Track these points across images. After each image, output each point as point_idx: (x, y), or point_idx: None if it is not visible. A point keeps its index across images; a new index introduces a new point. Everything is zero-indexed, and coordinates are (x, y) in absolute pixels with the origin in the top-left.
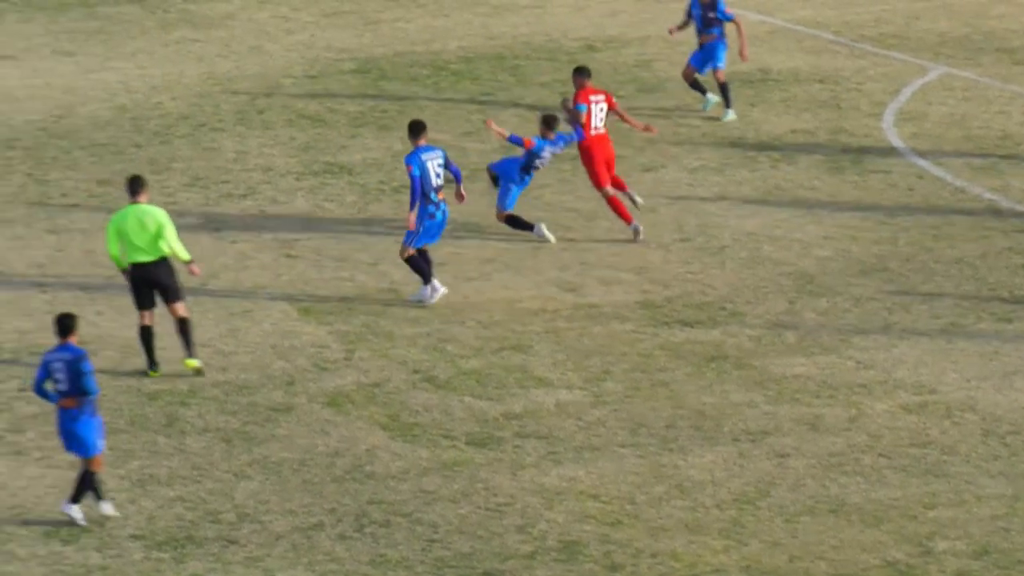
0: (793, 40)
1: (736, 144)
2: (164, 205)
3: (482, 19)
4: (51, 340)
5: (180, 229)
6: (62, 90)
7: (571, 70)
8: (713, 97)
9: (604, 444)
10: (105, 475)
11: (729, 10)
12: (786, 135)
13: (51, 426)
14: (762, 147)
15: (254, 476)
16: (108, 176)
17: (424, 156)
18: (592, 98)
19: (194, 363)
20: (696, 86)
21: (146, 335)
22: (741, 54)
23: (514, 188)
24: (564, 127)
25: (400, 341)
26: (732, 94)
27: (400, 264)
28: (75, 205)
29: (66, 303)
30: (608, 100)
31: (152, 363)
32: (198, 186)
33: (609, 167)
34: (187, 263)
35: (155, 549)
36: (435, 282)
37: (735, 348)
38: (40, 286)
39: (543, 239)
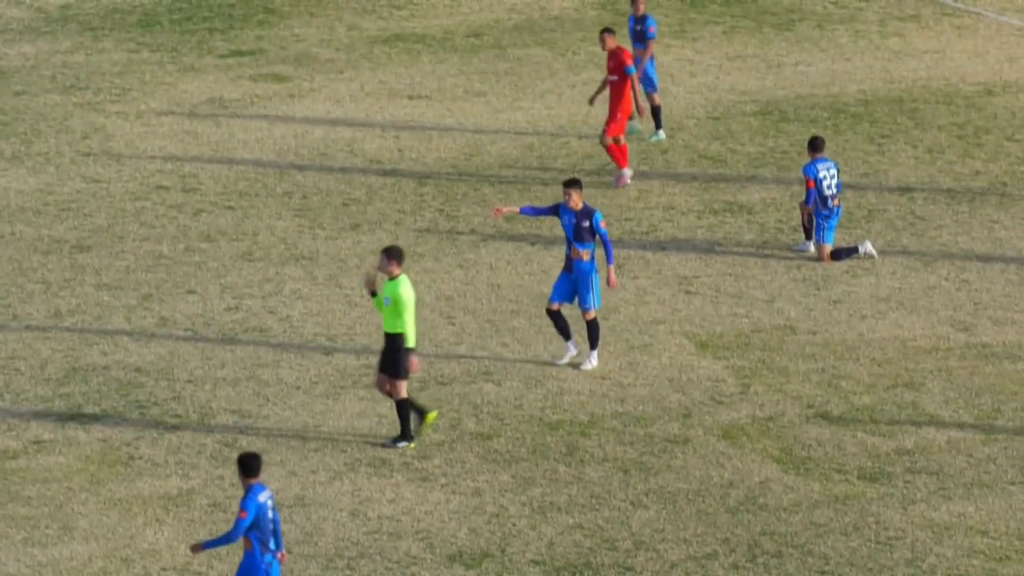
0: None
1: None
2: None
3: (882, 63)
4: (451, 370)
5: None
6: (473, 129)
7: (968, 113)
8: None
9: (994, 481)
10: (507, 501)
11: None
12: None
13: (457, 453)
14: None
15: (650, 505)
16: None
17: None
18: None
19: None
20: None
21: None
22: None
23: (825, 223)
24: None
25: (794, 376)
26: None
27: (796, 301)
28: (483, 240)
29: (472, 334)
30: None
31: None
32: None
33: None
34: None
35: (554, 574)
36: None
37: None
38: (448, 318)
39: (868, 255)
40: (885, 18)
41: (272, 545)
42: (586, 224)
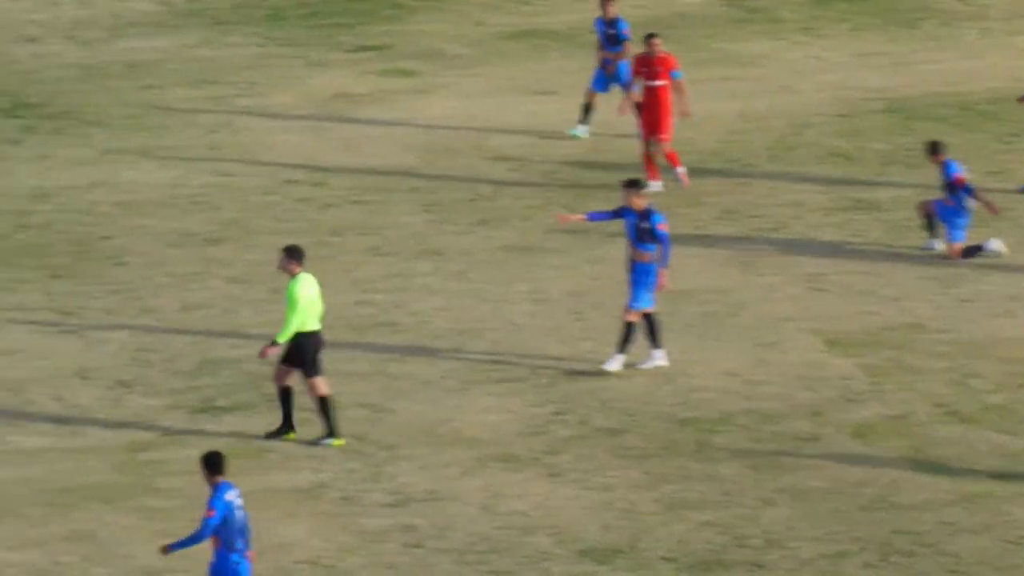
0: None
1: None
2: (695, 238)
3: (1010, 61)
4: (580, 366)
5: (710, 261)
6: (599, 124)
7: None
8: None
9: None
10: (638, 497)
11: None
12: None
13: (587, 449)
14: None
15: (782, 503)
16: None
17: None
18: None
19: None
20: None
21: None
22: None
23: (957, 221)
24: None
25: (925, 375)
26: None
27: (925, 299)
28: (612, 237)
29: (599, 330)
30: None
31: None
32: (729, 219)
33: None
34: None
35: (685, 571)
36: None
37: None
38: (576, 314)
39: (996, 253)
40: (1012, 16)
41: (239, 544)
42: (646, 225)
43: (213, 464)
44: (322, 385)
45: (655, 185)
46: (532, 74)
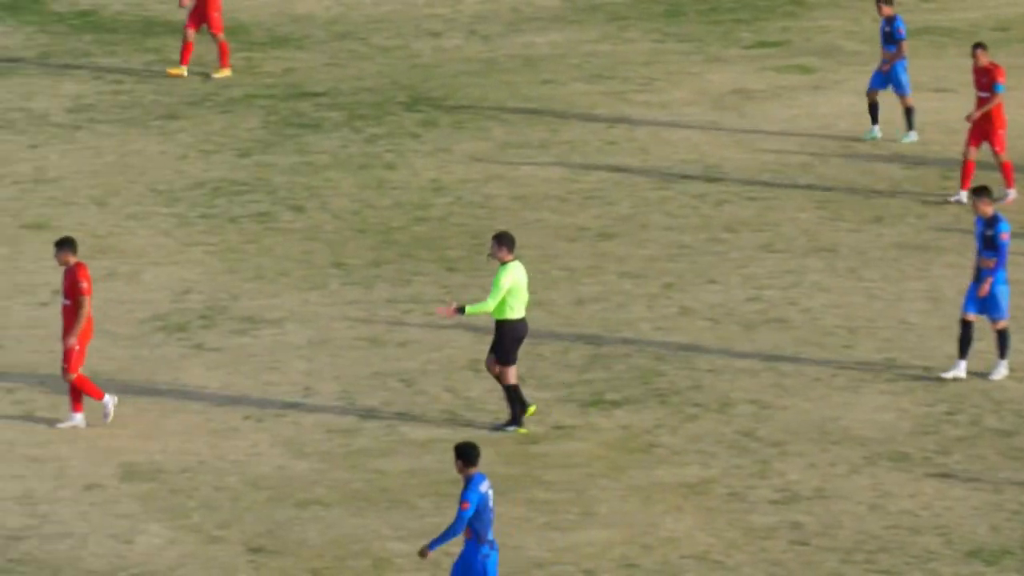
0: None
1: None
2: None
3: None
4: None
5: None
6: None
7: None
8: None
9: None
10: None
11: None
12: None
13: (978, 449)
14: None
15: None
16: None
17: None
18: None
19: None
20: None
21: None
22: None
23: None
24: None
25: None
26: None
27: None
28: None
29: (989, 331)
30: None
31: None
32: None
33: None
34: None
35: None
36: None
37: None
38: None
39: None
40: None
41: (489, 536)
42: (990, 233)
43: (467, 455)
44: (512, 374)
45: (1007, 194)
46: (929, 71)
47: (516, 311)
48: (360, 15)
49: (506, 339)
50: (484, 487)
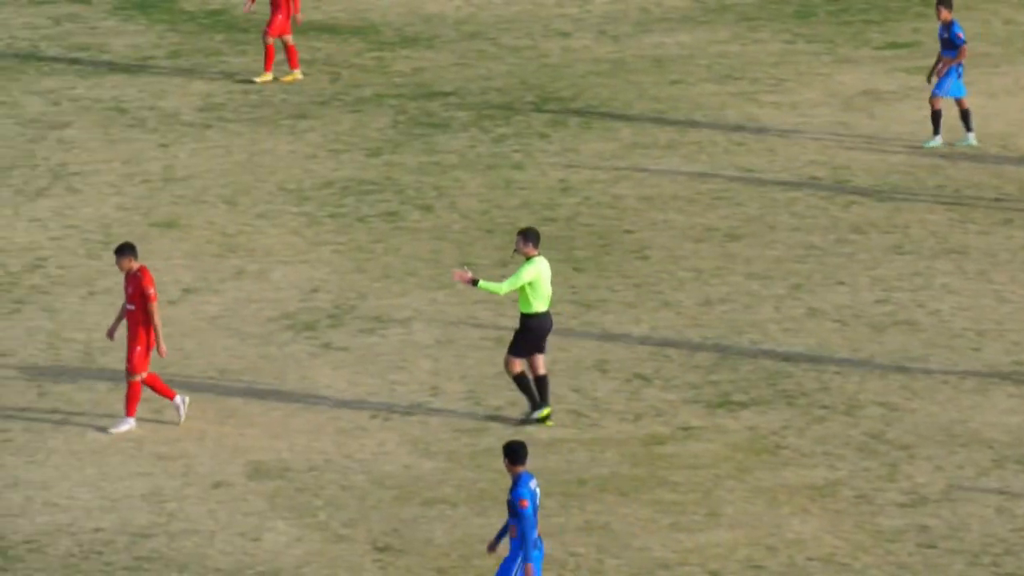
0: None
1: None
2: None
3: None
4: None
5: None
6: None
7: None
8: None
9: None
10: None
11: None
12: None
13: None
14: None
15: None
16: None
17: None
18: None
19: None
20: None
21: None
22: None
23: None
24: None
25: None
26: None
27: None
28: None
29: None
30: None
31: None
32: None
33: None
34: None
35: None
36: None
37: None
38: None
39: None
40: None
41: (535, 534)
42: None
43: (515, 454)
44: (518, 365)
45: None
46: None
47: (540, 305)
48: (490, 15)
49: (531, 332)
50: (532, 484)
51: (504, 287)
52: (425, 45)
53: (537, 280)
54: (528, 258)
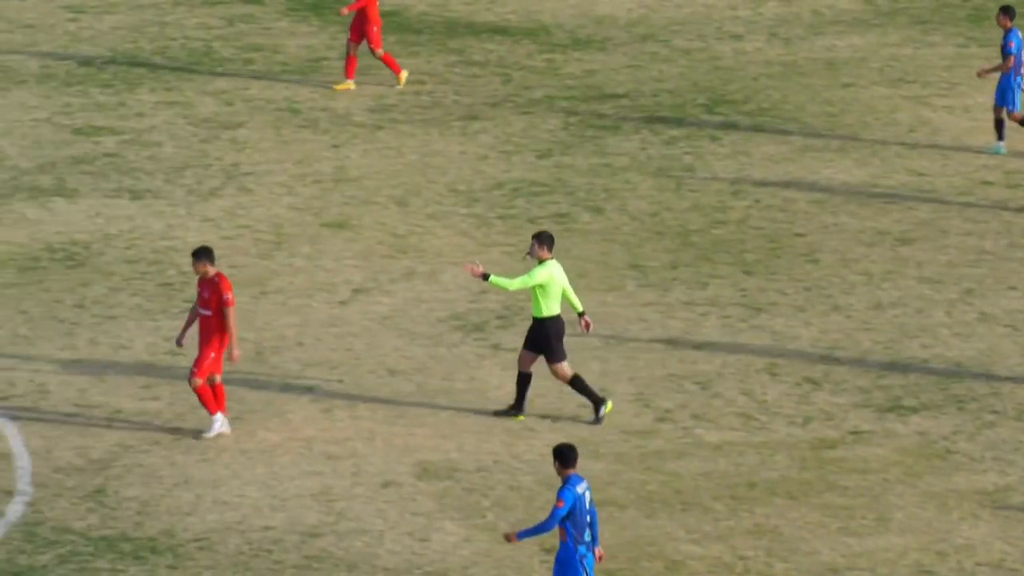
0: None
1: None
2: None
3: None
4: None
5: None
6: None
7: None
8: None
9: None
10: None
11: None
12: None
13: None
14: None
15: None
16: None
17: None
18: None
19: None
20: None
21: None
22: None
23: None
24: None
25: None
26: None
27: None
28: None
29: None
30: None
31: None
32: None
33: None
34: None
35: None
36: None
37: None
38: None
39: None
40: None
41: (587, 538)
42: None
43: (565, 456)
44: (566, 369)
45: None
46: None
47: (552, 308)
48: (662, 17)
49: (551, 336)
50: (581, 488)
51: (515, 284)
52: (597, 47)
53: (549, 283)
54: (541, 261)
